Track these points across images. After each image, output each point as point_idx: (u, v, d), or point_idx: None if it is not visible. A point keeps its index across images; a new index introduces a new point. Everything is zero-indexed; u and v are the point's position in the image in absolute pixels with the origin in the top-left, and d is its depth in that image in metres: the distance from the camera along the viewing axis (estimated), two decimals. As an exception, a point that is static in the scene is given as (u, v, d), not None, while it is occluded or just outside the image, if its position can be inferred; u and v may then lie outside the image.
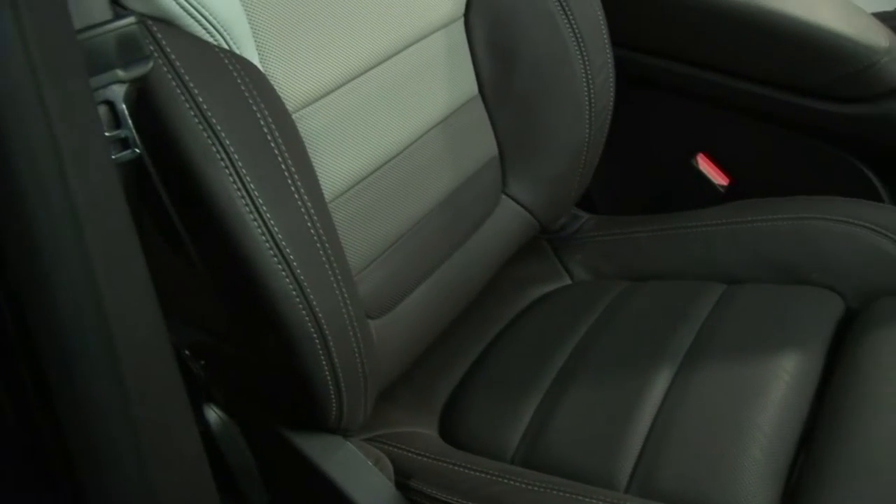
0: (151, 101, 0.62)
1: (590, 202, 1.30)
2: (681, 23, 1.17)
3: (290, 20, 0.76)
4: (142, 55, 0.61)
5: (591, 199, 1.31)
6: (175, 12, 0.65)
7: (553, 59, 1.00)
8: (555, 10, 0.99)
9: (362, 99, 0.82)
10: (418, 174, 0.90)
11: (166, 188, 0.65)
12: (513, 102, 1.01)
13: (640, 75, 1.22)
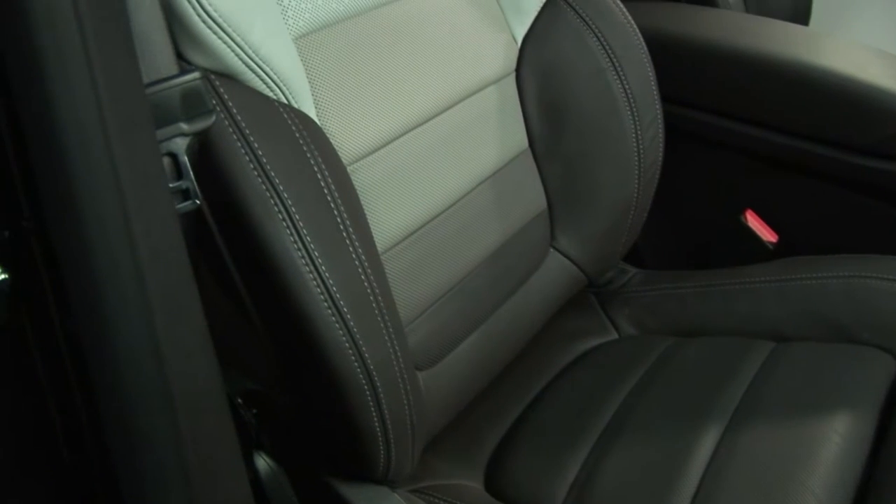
0: (213, 153, 0.63)
1: (637, 256, 1.29)
2: (729, 79, 1.17)
3: (347, 75, 0.77)
4: (205, 109, 0.62)
5: (639, 254, 1.30)
6: (238, 67, 0.66)
7: (603, 115, 1.00)
8: (605, 66, 1.00)
9: (415, 152, 0.83)
10: (468, 227, 0.90)
11: (224, 238, 0.66)
12: (562, 157, 1.01)
13: (688, 131, 1.22)
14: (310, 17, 0.75)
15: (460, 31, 0.90)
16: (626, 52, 1.01)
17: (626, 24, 1.02)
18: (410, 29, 0.84)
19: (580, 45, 1.00)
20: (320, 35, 0.76)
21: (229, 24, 0.64)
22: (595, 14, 1.01)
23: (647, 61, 1.04)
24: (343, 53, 0.77)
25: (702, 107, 1.20)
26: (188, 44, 0.65)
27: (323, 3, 0.76)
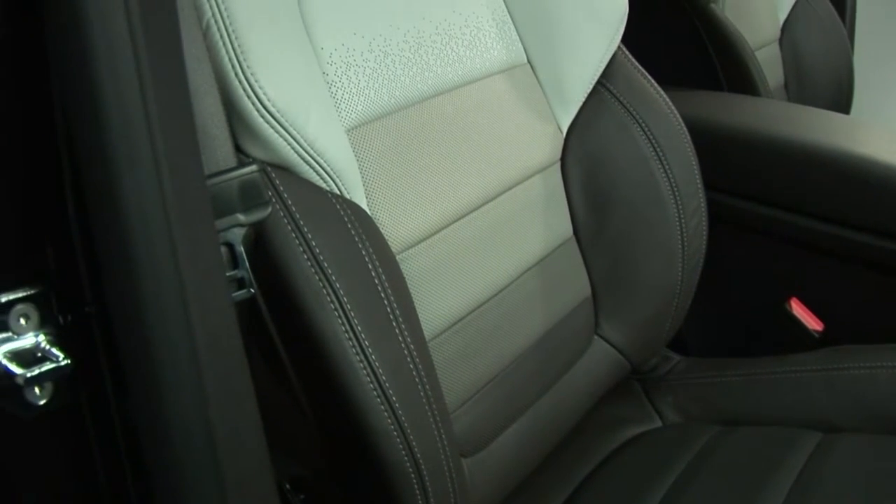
0: (268, 243, 0.65)
1: (681, 343, 1.29)
2: (772, 167, 1.18)
3: (397, 166, 0.79)
4: (261, 200, 0.64)
5: (683, 341, 1.30)
6: (293, 160, 0.68)
7: (647, 203, 1.01)
8: (649, 155, 1.01)
9: (462, 241, 0.85)
10: (514, 315, 0.91)
11: (276, 325, 0.67)
12: (607, 245, 1.02)
13: (732, 218, 1.22)
14: (362, 110, 0.78)
15: (507, 122, 0.92)
16: (669, 141, 1.02)
17: (669, 113, 1.04)
18: (459, 120, 0.87)
19: (624, 135, 1.01)
20: (372, 127, 0.78)
21: (286, 118, 0.67)
22: (638, 103, 1.02)
23: (690, 150, 1.05)
24: (393, 145, 0.80)
25: (745, 195, 1.20)
26: (246, 137, 0.67)
27: (375, 96, 0.79)
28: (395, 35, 0.82)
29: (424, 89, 0.84)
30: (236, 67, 0.65)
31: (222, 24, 0.65)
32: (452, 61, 0.88)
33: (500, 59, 0.94)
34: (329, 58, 0.76)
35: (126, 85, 0.51)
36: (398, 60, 0.82)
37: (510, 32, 0.97)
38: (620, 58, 1.04)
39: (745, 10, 1.65)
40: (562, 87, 0.99)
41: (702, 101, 1.36)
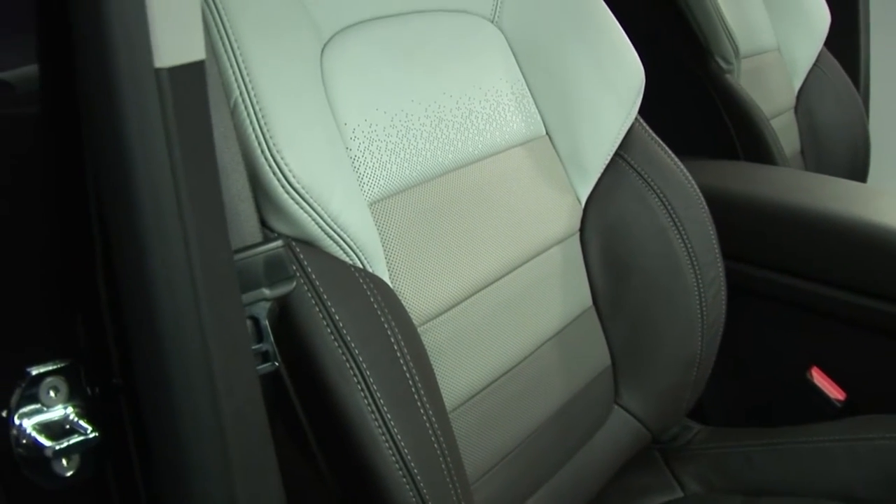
0: (292, 317, 0.67)
1: (701, 412, 1.28)
2: (790, 236, 1.19)
3: (418, 239, 0.81)
4: (286, 275, 0.66)
5: (703, 410, 1.29)
6: (317, 234, 0.70)
7: (666, 273, 1.02)
8: (667, 225, 1.02)
9: (482, 313, 0.86)
10: (533, 386, 0.91)
11: (299, 398, 0.68)
12: (626, 315, 1.02)
13: (751, 287, 1.23)
14: (384, 184, 0.80)
15: (527, 195, 0.94)
16: (686, 211, 1.03)
17: (687, 183, 1.05)
18: (479, 193, 0.88)
19: (642, 205, 1.03)
20: (393, 201, 0.80)
21: (311, 195, 0.68)
22: (656, 174, 1.04)
23: (707, 220, 1.06)
24: (415, 218, 0.81)
25: (764, 264, 1.21)
26: (272, 212, 0.69)
27: (397, 170, 0.81)
28: (416, 110, 0.85)
29: (445, 163, 0.86)
30: (263, 145, 0.67)
31: (250, 103, 0.67)
32: (473, 135, 0.90)
33: (520, 132, 0.96)
34: (352, 133, 0.78)
35: (157, 165, 0.53)
36: (420, 135, 0.84)
37: (529, 106, 0.99)
38: (637, 129, 1.06)
39: (760, 79, 1.67)
40: (580, 159, 1.01)
41: (718, 170, 1.37)
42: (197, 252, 0.54)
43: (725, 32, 1.47)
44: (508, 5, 0.99)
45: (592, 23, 1.03)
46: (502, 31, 0.99)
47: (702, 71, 1.48)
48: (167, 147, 0.54)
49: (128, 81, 0.52)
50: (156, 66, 0.52)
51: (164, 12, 0.52)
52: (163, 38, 0.52)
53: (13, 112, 0.59)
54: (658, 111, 1.13)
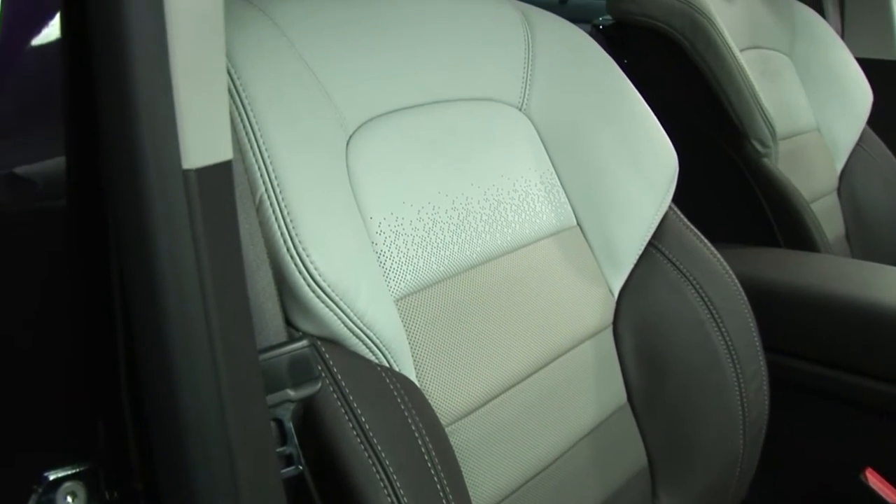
0: (317, 419, 0.68)
1: (746, 515, 1.27)
2: (837, 327, 1.19)
3: (446, 336, 0.83)
4: (311, 376, 0.68)
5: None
6: (343, 333, 0.72)
7: (704, 368, 1.03)
8: (704, 318, 1.03)
9: (512, 412, 0.87)
10: (567, 487, 0.92)
11: (324, 502, 0.69)
12: (662, 412, 1.03)
13: (796, 382, 1.23)
14: (411, 280, 0.82)
15: (557, 288, 0.96)
16: (724, 302, 1.05)
17: (724, 273, 1.07)
18: (508, 287, 0.90)
19: (678, 297, 1.04)
20: (420, 296, 0.82)
21: (336, 293, 0.71)
22: (691, 264, 1.06)
23: (747, 311, 1.07)
24: (442, 314, 0.83)
25: (809, 357, 1.21)
26: (297, 311, 0.71)
27: (423, 265, 0.83)
28: (443, 202, 0.87)
29: (473, 256, 0.88)
30: (288, 242, 0.69)
31: (275, 199, 0.70)
32: (501, 227, 0.92)
33: (550, 223, 0.99)
34: (378, 227, 0.81)
35: (183, 266, 0.56)
36: (447, 228, 0.87)
37: (559, 195, 1.02)
38: (671, 217, 1.08)
39: (799, 162, 1.69)
40: (612, 250, 1.03)
41: (757, 258, 1.39)
42: (222, 353, 0.56)
43: (761, 114, 1.50)
44: (536, 93, 1.03)
45: (623, 109, 1.07)
46: (530, 118, 1.02)
47: (738, 155, 1.51)
48: (194, 248, 0.56)
49: (155, 182, 0.55)
50: (184, 167, 0.55)
51: (192, 114, 0.55)
52: (191, 139, 0.55)
53: (36, 207, 0.61)
54: (693, 198, 1.15)
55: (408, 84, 0.89)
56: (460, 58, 0.96)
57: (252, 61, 0.74)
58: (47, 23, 0.58)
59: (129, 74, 0.54)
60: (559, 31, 1.08)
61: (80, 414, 0.63)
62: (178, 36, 0.55)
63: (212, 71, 0.57)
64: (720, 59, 1.48)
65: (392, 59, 0.89)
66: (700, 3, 1.51)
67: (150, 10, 0.54)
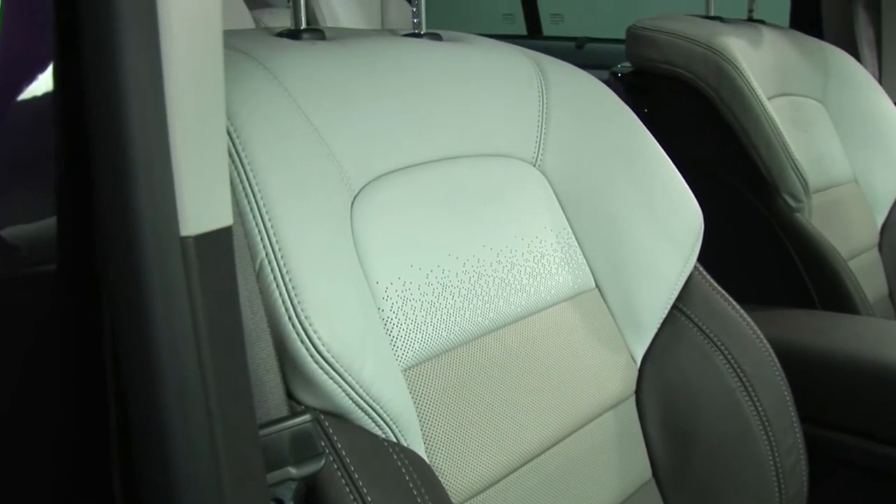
0: (320, 499, 0.69)
1: None
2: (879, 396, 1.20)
3: (456, 407, 0.84)
4: (314, 452, 0.69)
5: None
6: (348, 407, 0.74)
7: (735, 440, 1.04)
8: (734, 386, 1.04)
9: (528, 488, 0.88)
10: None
11: (327, 589, 0.70)
12: (690, 487, 1.04)
13: (837, 457, 1.23)
14: (419, 348, 0.84)
15: (575, 355, 0.97)
16: (756, 369, 1.06)
17: (755, 337, 1.08)
18: (523, 355, 0.92)
19: (705, 363, 1.06)
20: (429, 365, 0.84)
21: (341, 364, 0.72)
22: (719, 328, 1.07)
23: (780, 378, 1.08)
24: (452, 384, 0.85)
25: (850, 429, 1.22)
26: (299, 383, 0.73)
27: (433, 332, 0.85)
28: (453, 266, 0.89)
29: (485, 323, 0.90)
30: (290, 310, 0.71)
31: (276, 265, 0.72)
32: (515, 291, 0.94)
33: (567, 286, 1.00)
34: (384, 293, 0.83)
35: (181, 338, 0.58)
36: (457, 293, 0.88)
37: (576, 256, 1.03)
38: (697, 278, 1.10)
39: (835, 217, 1.71)
40: (634, 313, 1.05)
41: (791, 321, 1.40)
42: (221, 429, 0.58)
43: (792, 166, 1.53)
44: (551, 147, 1.05)
45: (642, 163, 1.09)
46: (545, 175, 1.05)
47: (768, 210, 1.53)
48: (191, 319, 0.58)
49: (152, 251, 0.57)
50: (181, 234, 0.57)
51: (192, 178, 0.57)
52: (190, 205, 0.57)
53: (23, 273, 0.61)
54: (720, 257, 1.17)
55: (415, 140, 0.92)
56: (470, 111, 0.99)
57: (252, 119, 0.77)
58: (39, 74, 0.59)
59: (125, 136, 0.56)
60: (575, 81, 1.11)
61: (68, 494, 0.64)
62: (177, 94, 0.57)
63: (212, 131, 0.59)
64: (747, 107, 1.51)
65: (398, 113, 0.91)
66: (725, 48, 1.54)
67: (149, 65, 0.56)
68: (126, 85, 0.56)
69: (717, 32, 1.59)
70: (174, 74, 0.57)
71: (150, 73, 0.56)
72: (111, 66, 0.56)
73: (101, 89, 0.57)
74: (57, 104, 0.59)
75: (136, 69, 0.56)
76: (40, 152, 0.60)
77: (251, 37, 0.92)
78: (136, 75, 0.56)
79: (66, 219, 0.61)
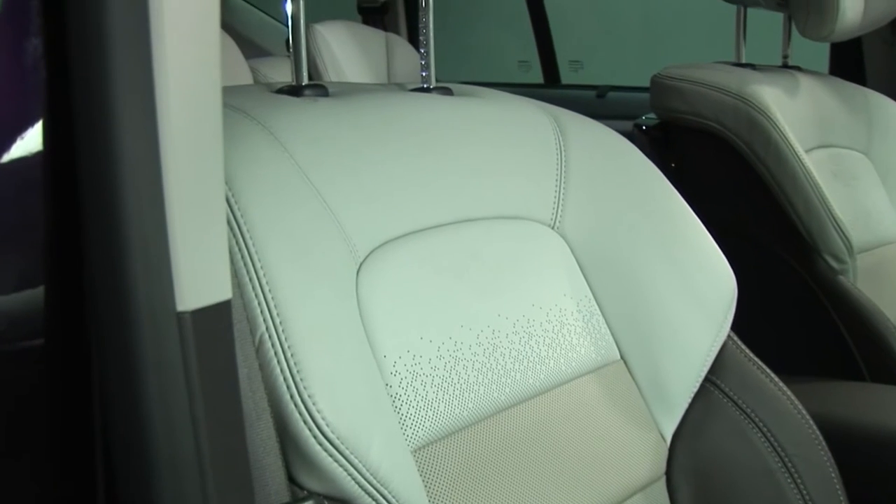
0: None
1: None
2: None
3: (471, 494, 0.85)
4: (318, 540, 0.71)
5: None
6: (353, 492, 0.75)
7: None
8: (775, 467, 1.05)
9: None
10: None
11: None
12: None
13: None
14: (430, 427, 0.85)
15: (599, 433, 0.98)
16: (798, 450, 1.06)
17: (796, 413, 1.08)
18: (542, 434, 0.93)
19: (741, 442, 1.06)
20: (441, 446, 0.85)
21: (346, 445, 0.74)
22: (756, 403, 1.08)
23: (826, 459, 1.08)
24: (466, 467, 0.86)
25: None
26: (301, 466, 0.74)
27: (444, 409, 0.86)
28: (466, 337, 0.91)
29: (501, 398, 0.91)
30: (292, 388, 0.73)
31: (277, 339, 0.74)
32: (533, 364, 0.96)
33: (589, 358, 1.02)
34: (392, 367, 0.85)
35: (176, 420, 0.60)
36: (471, 366, 0.90)
37: (599, 326, 1.05)
38: (731, 348, 1.11)
39: (883, 278, 1.70)
40: (663, 387, 1.05)
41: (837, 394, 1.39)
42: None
43: (834, 225, 1.53)
44: (571, 208, 1.07)
45: (669, 223, 1.11)
46: (565, 238, 1.06)
47: (808, 273, 1.54)
48: (188, 398, 0.60)
49: (146, 326, 0.59)
50: (178, 309, 0.59)
51: (189, 251, 0.60)
52: (187, 279, 0.60)
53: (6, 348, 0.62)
54: (756, 324, 1.17)
55: (425, 202, 0.94)
56: (483, 171, 1.01)
57: (251, 183, 0.79)
58: (28, 135, 0.60)
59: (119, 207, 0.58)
60: (595, 137, 1.13)
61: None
62: (173, 163, 0.59)
63: (210, 200, 0.62)
64: (783, 161, 1.53)
65: (407, 174, 0.93)
66: (757, 97, 1.56)
67: (144, 130, 0.58)
68: (120, 153, 0.57)
69: (749, 81, 1.61)
70: (171, 143, 0.58)
71: (145, 139, 0.58)
72: (103, 129, 0.57)
73: (93, 156, 0.58)
74: (45, 169, 0.61)
75: (131, 134, 0.58)
76: (27, 220, 0.62)
77: (249, 94, 0.95)
78: (130, 142, 0.58)
79: (54, 291, 0.62)
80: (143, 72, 0.58)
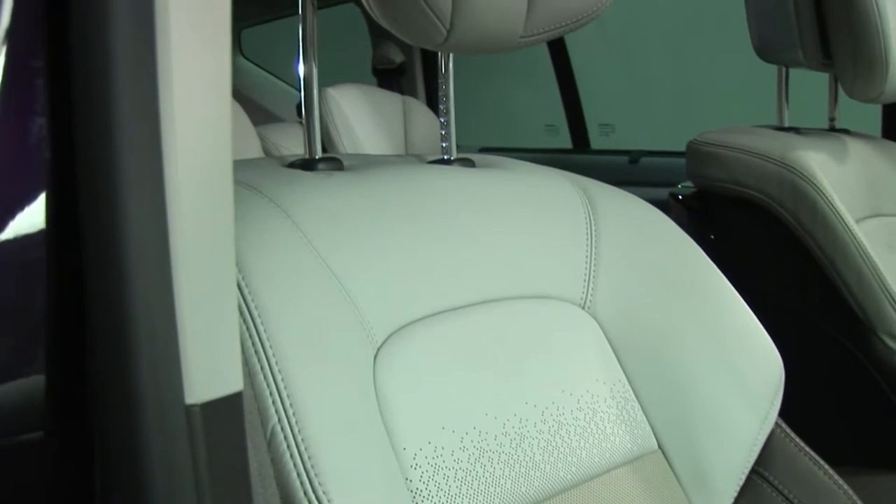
0: None
1: None
2: None
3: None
4: None
5: None
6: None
7: None
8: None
9: None
10: None
11: None
12: None
13: None
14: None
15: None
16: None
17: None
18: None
19: (795, 540, 1.06)
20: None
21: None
22: (809, 497, 1.07)
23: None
24: None
25: None
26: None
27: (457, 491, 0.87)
28: (492, 427, 0.92)
29: (530, 493, 0.92)
30: (306, 484, 0.74)
31: (290, 432, 0.75)
32: (564, 455, 0.96)
33: (624, 448, 1.02)
34: (413, 460, 0.85)
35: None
36: (497, 458, 0.91)
37: (635, 413, 1.05)
38: (779, 436, 1.11)
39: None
40: (705, 480, 1.05)
41: (895, 486, 1.39)
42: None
43: (890, 301, 1.53)
44: (602, 287, 1.08)
45: (709, 301, 1.12)
46: (596, 319, 1.07)
47: (862, 353, 1.53)
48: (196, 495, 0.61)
49: (153, 421, 0.60)
50: (187, 402, 0.61)
51: (198, 340, 0.61)
52: (196, 370, 0.61)
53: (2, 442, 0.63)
54: (806, 409, 1.17)
55: (447, 283, 0.95)
56: (508, 249, 1.02)
57: (262, 264, 0.81)
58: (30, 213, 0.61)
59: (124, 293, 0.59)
60: (626, 209, 1.15)
61: None
62: (183, 244, 0.60)
63: (220, 285, 0.63)
64: (832, 232, 1.53)
65: (426, 253, 0.95)
66: (802, 164, 1.57)
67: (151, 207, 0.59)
68: (126, 231, 0.59)
69: (793, 146, 1.62)
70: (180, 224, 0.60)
71: (153, 218, 0.59)
72: (108, 210, 0.59)
73: (97, 238, 0.60)
74: (48, 249, 0.62)
75: (138, 213, 0.59)
76: (27, 305, 0.62)
77: (260, 169, 0.97)
78: (137, 220, 0.59)
79: (54, 382, 0.63)
80: (150, 146, 0.59)
